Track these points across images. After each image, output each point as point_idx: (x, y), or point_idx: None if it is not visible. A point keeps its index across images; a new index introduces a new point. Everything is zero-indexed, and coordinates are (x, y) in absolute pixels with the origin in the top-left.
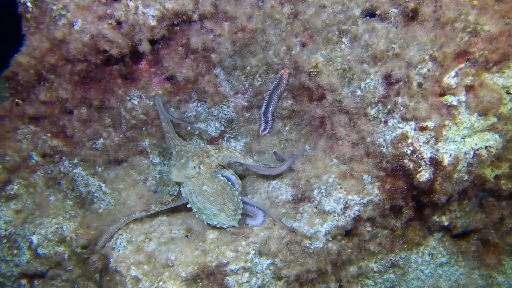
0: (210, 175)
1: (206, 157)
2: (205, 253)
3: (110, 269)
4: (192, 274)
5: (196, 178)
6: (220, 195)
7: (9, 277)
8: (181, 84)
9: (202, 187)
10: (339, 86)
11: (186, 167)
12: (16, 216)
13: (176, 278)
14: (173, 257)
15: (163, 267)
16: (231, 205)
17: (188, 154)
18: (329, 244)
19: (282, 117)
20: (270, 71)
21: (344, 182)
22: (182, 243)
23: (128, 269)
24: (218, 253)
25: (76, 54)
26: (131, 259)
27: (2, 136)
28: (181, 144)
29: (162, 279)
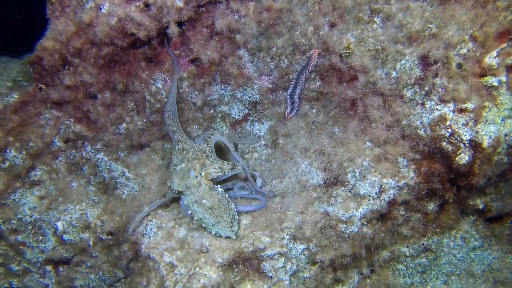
0: (209, 187)
1: (206, 158)
2: (239, 238)
3: (142, 255)
4: (228, 259)
5: (196, 190)
6: (218, 208)
7: (35, 263)
8: (205, 66)
9: (202, 200)
10: (372, 68)
11: (188, 177)
12: (40, 202)
13: (213, 263)
14: (207, 243)
15: (198, 252)
16: (227, 217)
17: (188, 155)
18: (364, 228)
19: (309, 99)
20: (297, 52)
21: (378, 165)
22: None
23: (161, 255)
24: (254, 238)
25: (103, 37)
26: (163, 245)
27: (26, 121)
28: (183, 140)
29: (198, 265)
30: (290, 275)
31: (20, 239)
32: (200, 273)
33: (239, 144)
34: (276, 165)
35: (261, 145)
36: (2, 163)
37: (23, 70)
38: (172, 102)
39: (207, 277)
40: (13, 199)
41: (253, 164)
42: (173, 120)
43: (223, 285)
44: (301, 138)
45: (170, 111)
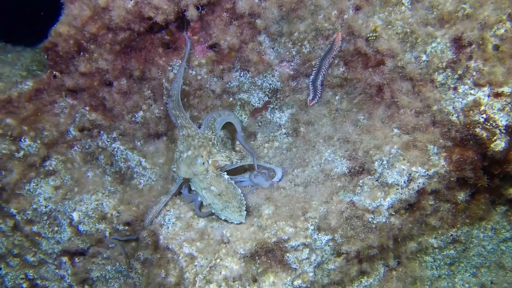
0: (216, 174)
1: (212, 146)
2: (262, 229)
3: (161, 246)
4: (250, 251)
5: (204, 177)
6: (225, 194)
7: (50, 254)
8: (224, 52)
9: (210, 187)
10: (401, 51)
11: (195, 164)
12: (55, 192)
13: (234, 255)
14: (228, 233)
15: (219, 243)
16: (235, 203)
17: (194, 142)
18: (391, 218)
19: (333, 85)
20: (320, 37)
21: (407, 153)
22: None
23: (180, 246)
24: (277, 228)
25: (119, 22)
26: (182, 235)
27: (40, 109)
28: (187, 125)
29: (219, 256)
30: (315, 266)
31: (35, 229)
32: (221, 265)
33: (258, 133)
34: (297, 154)
35: (282, 134)
36: (16, 152)
37: (37, 59)
38: (176, 86)
39: (229, 269)
40: (28, 189)
41: (274, 153)
42: (176, 104)
43: (245, 277)
44: (324, 126)
45: (174, 95)
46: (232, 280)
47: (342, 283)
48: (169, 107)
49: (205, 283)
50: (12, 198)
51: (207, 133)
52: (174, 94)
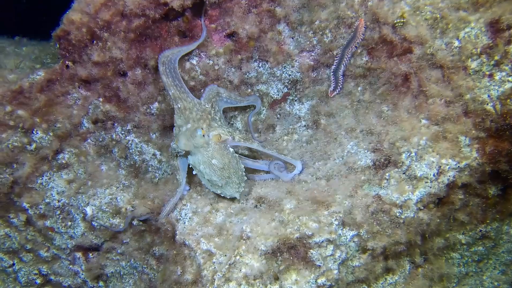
0: (220, 146)
1: (212, 121)
2: (284, 224)
3: (177, 242)
4: (272, 247)
5: (205, 150)
6: (227, 169)
7: (64, 249)
8: (243, 41)
9: (211, 160)
10: (430, 38)
11: (195, 136)
12: (68, 186)
13: (255, 251)
14: (248, 229)
15: (238, 239)
16: (235, 178)
17: (192, 115)
18: (420, 213)
19: (355, 76)
20: (342, 25)
21: (436, 144)
22: (254, 213)
23: (198, 242)
24: (300, 224)
25: (134, 8)
26: (199, 231)
27: (53, 101)
28: (182, 97)
29: (239, 253)
30: (339, 264)
31: (48, 224)
32: (241, 262)
33: (277, 126)
34: (318, 146)
35: (301, 126)
36: (28, 144)
37: (51, 52)
38: (177, 52)
39: (249, 266)
40: (40, 182)
41: (293, 146)
42: (171, 68)
43: (267, 275)
44: (346, 118)
45: (169, 56)
46: (252, 278)
47: (366, 280)
48: (161, 71)
49: (224, 281)
50: (24, 192)
51: (206, 106)
52: (170, 55)
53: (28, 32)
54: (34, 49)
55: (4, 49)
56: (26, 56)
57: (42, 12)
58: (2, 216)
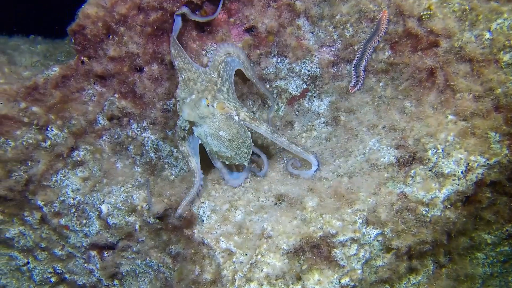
0: (226, 117)
1: (218, 91)
2: (306, 222)
3: (195, 240)
4: (294, 246)
5: (211, 121)
6: (236, 140)
7: (79, 247)
8: (262, 36)
9: (219, 132)
10: (458, 30)
11: (199, 106)
12: (83, 184)
13: (277, 250)
14: (269, 227)
15: (259, 238)
16: (244, 148)
17: (196, 86)
18: (446, 211)
19: (376, 71)
20: (364, 19)
21: (464, 141)
22: (275, 211)
23: (217, 241)
24: (323, 222)
25: (151, 1)
26: (218, 229)
27: (68, 97)
28: (187, 67)
29: (260, 252)
30: (363, 263)
31: (63, 222)
32: (262, 261)
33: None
34: (338, 143)
35: (321, 123)
36: (43, 142)
37: (66, 50)
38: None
39: (271, 266)
40: (55, 180)
41: (312, 143)
42: (172, 40)
43: (289, 275)
44: (367, 114)
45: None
46: (274, 278)
47: (390, 280)
48: (171, 42)
49: (245, 282)
50: (39, 189)
51: (212, 75)
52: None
53: (42, 31)
54: (48, 47)
55: (18, 47)
56: (40, 54)
57: (56, 10)
58: (16, 214)
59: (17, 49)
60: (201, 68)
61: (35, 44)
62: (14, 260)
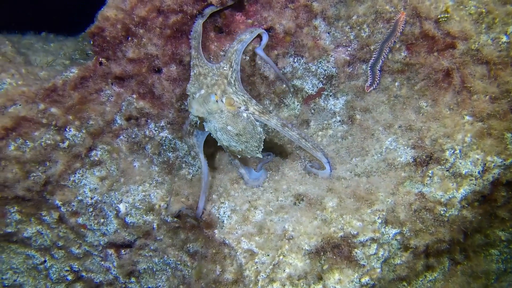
0: (233, 114)
1: (228, 85)
2: (327, 223)
3: (216, 240)
4: (316, 246)
5: (219, 116)
6: (243, 134)
7: (96, 246)
8: (279, 36)
9: (227, 126)
10: (475, 33)
11: (208, 102)
12: (101, 183)
13: (298, 251)
14: (290, 228)
15: (281, 238)
16: (254, 142)
17: (206, 81)
18: (463, 211)
19: (392, 71)
20: (380, 20)
21: (481, 141)
22: (295, 211)
23: (238, 241)
24: (343, 222)
25: (171, 3)
26: (239, 229)
27: (86, 98)
28: (199, 64)
29: (282, 253)
30: (382, 262)
31: (80, 221)
32: (284, 262)
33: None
34: (355, 142)
35: (336, 121)
36: (61, 142)
37: (79, 48)
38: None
39: (293, 266)
40: (73, 180)
41: (328, 142)
42: (196, 42)
43: (311, 275)
44: (383, 113)
45: (196, 31)
46: (296, 278)
47: (407, 278)
48: (192, 36)
49: (268, 282)
50: (57, 189)
51: (224, 68)
52: (197, 30)
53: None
54: (61, 45)
55: (32, 46)
56: (54, 52)
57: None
58: (34, 214)
59: (30, 47)
60: (215, 64)
61: (48, 42)
62: (31, 259)
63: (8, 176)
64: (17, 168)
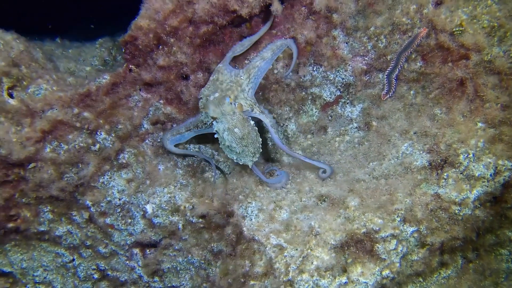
0: (243, 117)
1: (241, 91)
2: (350, 220)
3: (246, 237)
4: (341, 241)
5: (231, 117)
6: (246, 139)
7: (123, 245)
8: (301, 46)
9: (234, 128)
10: (487, 45)
11: (223, 103)
12: (128, 185)
13: (325, 245)
14: (316, 225)
15: (307, 234)
16: (251, 148)
17: (222, 86)
18: (476, 211)
19: (408, 80)
20: (397, 32)
21: (493, 146)
22: (319, 210)
23: (267, 237)
24: (365, 220)
25: (203, 15)
26: (267, 227)
27: (116, 103)
28: (221, 71)
29: (310, 247)
30: (401, 257)
31: (108, 221)
32: (312, 255)
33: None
34: (372, 147)
35: (353, 128)
36: (93, 145)
37: (97, 54)
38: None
39: (320, 259)
40: (102, 181)
41: (345, 147)
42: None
43: (336, 267)
44: (399, 120)
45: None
46: (323, 270)
47: (423, 273)
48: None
49: (298, 273)
50: (87, 190)
51: (241, 77)
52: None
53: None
54: (79, 52)
55: (54, 52)
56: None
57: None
58: (65, 213)
59: (53, 54)
60: (234, 71)
61: (67, 48)
62: (61, 257)
63: (44, 177)
64: (52, 169)
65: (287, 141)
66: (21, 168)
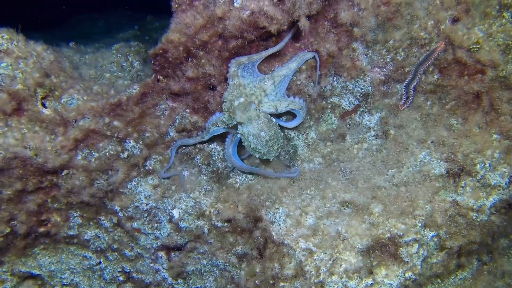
0: (268, 119)
1: (265, 96)
2: (375, 225)
3: (275, 242)
4: (367, 245)
5: (256, 122)
6: (272, 140)
7: (149, 249)
8: (323, 58)
9: (260, 132)
10: (502, 62)
11: (249, 110)
12: (154, 191)
13: (352, 249)
14: (343, 230)
15: (335, 239)
16: (276, 146)
17: (246, 91)
18: (492, 217)
19: (425, 91)
20: (415, 45)
21: (508, 156)
22: (344, 216)
23: (296, 241)
24: (389, 225)
25: (233, 30)
26: (295, 232)
27: (144, 112)
28: (240, 74)
29: (338, 251)
30: (422, 260)
31: (135, 226)
32: (340, 258)
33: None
34: (390, 155)
35: (371, 136)
36: (122, 153)
37: (114, 60)
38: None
39: (348, 262)
40: (129, 187)
41: (364, 154)
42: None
43: (363, 270)
44: (416, 130)
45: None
46: (351, 272)
47: (441, 275)
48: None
49: (328, 275)
50: (116, 196)
51: (265, 83)
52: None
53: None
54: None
55: (72, 58)
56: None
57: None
58: (93, 218)
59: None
60: (259, 76)
61: (83, 54)
62: (88, 260)
63: (76, 183)
64: (83, 176)
65: (308, 148)
66: (54, 175)
